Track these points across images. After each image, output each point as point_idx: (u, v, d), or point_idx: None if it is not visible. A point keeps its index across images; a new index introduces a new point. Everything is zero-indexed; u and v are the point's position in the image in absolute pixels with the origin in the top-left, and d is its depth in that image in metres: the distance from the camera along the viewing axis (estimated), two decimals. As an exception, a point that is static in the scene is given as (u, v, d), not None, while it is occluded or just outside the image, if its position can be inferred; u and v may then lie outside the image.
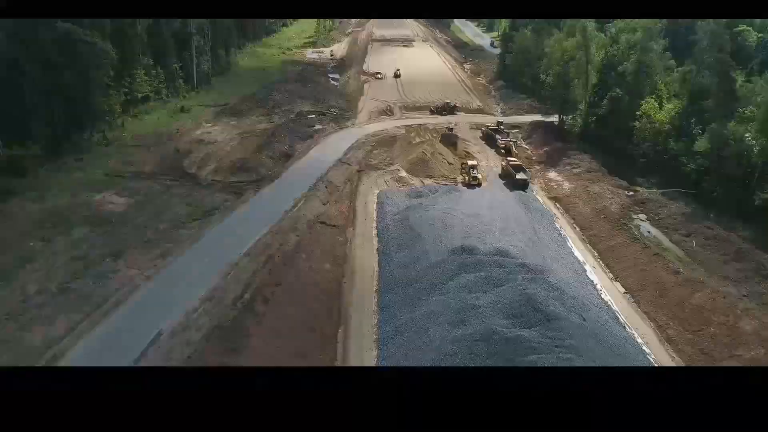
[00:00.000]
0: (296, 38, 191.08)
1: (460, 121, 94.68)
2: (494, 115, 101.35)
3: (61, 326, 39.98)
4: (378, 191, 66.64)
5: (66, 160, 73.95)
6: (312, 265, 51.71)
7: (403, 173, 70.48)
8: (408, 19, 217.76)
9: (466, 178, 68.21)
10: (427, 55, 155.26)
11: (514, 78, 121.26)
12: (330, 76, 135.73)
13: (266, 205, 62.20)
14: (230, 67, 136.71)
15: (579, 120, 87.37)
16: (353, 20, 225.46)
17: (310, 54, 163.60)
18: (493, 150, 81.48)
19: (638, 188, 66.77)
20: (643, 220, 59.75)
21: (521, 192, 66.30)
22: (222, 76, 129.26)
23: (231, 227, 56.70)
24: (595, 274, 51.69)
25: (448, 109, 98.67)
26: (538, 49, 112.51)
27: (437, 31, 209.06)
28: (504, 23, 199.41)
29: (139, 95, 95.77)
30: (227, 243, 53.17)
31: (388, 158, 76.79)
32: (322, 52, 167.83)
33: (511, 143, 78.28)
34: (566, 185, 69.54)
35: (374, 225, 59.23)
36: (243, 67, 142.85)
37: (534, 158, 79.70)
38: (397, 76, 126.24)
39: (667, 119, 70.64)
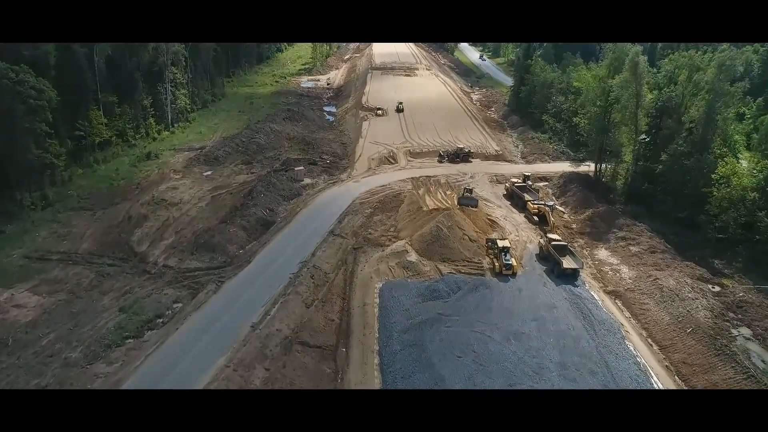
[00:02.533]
0: (291, 65, 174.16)
1: (476, 172, 76.81)
2: (515, 162, 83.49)
3: None
4: (380, 284, 48.49)
5: (-19, 234, 56.20)
6: (283, 429, 33.33)
7: (413, 256, 52.31)
8: (410, 47, 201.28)
9: (496, 264, 50.17)
10: (431, 85, 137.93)
11: (531, 113, 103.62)
12: (325, 110, 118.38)
13: (228, 311, 44.00)
14: (215, 99, 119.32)
15: (624, 174, 69.56)
16: (351, 45, 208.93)
17: (305, 83, 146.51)
18: (523, 214, 63.60)
19: (726, 281, 48.70)
20: (748, 338, 41.61)
21: (571, 286, 48.24)
22: (205, 109, 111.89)
23: (172, 357, 38.37)
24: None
25: (461, 156, 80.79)
26: (561, 81, 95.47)
27: (440, 56, 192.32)
28: (510, 47, 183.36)
29: (97, 140, 77.98)
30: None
31: (393, 228, 58.72)
32: (318, 80, 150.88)
33: (547, 209, 60.17)
34: (626, 272, 51.41)
35: (376, 344, 40.99)
36: (231, 96, 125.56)
37: (574, 227, 61.56)
38: (399, 110, 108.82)
39: (754, 184, 52.85)
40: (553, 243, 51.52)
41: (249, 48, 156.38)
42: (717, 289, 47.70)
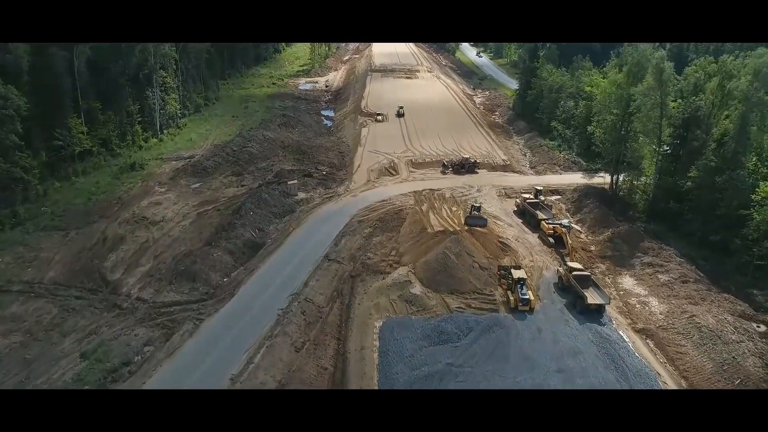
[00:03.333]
0: (289, 66, 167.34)
1: (483, 185, 70.28)
2: (524, 173, 76.95)
3: None
4: (381, 322, 42.05)
5: (-63, 259, 49.76)
6: None
7: (417, 287, 45.84)
8: (411, 47, 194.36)
9: (511, 298, 43.74)
10: (433, 88, 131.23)
11: (539, 119, 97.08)
12: (323, 114, 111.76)
13: (206, 358, 37.59)
14: (209, 103, 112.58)
15: (643, 188, 63.06)
16: (351, 46, 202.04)
17: (303, 85, 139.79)
18: (536, 234, 57.18)
19: (771, 318, 42.30)
20: (807, 393, 35.19)
21: (596, 324, 41.82)
22: (197, 114, 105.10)
23: (136, 420, 31.97)
24: None
25: (467, 167, 74.25)
26: (571, 86, 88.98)
27: (441, 57, 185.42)
28: (513, 48, 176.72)
29: (77, 150, 71.41)
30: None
31: (394, 252, 52.27)
32: (317, 82, 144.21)
33: (563, 230, 53.66)
34: (656, 306, 44.97)
35: (375, 400, 34.57)
36: (226, 99, 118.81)
37: (593, 249, 55.15)
38: (400, 115, 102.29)
39: (797, 206, 46.37)
40: (575, 273, 45.04)
41: (245, 48, 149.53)
42: (763, 328, 41.35)
